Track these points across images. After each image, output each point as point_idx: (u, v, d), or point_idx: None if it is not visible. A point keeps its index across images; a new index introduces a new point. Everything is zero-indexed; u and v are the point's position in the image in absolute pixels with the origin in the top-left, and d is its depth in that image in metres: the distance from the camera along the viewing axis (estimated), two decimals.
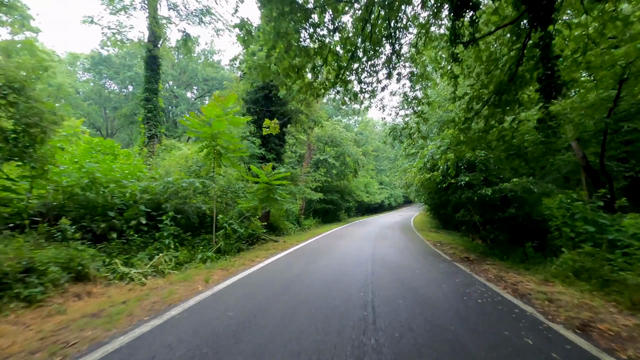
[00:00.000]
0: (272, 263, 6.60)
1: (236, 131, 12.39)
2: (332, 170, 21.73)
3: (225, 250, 8.23)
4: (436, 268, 6.49)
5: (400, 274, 5.70)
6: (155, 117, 10.81)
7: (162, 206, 7.58)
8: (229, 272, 5.68)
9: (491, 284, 5.22)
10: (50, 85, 29.80)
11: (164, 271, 5.99)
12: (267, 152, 13.01)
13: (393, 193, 43.87)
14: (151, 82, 10.86)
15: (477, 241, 13.78)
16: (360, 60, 5.35)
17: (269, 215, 13.27)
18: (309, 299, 4.04)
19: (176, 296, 4.15)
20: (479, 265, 7.06)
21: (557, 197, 5.98)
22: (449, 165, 7.45)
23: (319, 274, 5.51)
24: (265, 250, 8.48)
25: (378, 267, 6.35)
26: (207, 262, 7.00)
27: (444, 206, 18.55)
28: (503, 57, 5.43)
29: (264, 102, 13.41)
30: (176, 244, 7.22)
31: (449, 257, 8.20)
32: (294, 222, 16.60)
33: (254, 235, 10.30)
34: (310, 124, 13.80)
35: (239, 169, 8.87)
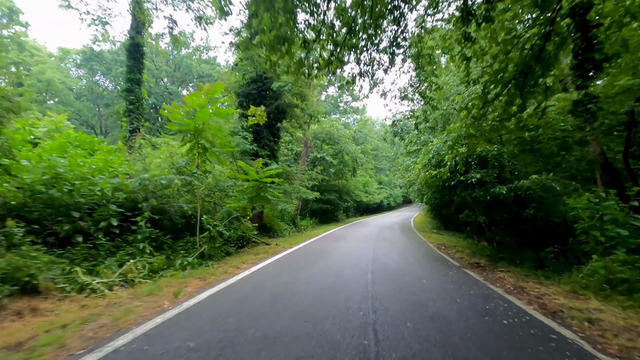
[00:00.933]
0: (259, 270, 5.82)
1: (227, 126, 11.61)
2: (330, 169, 20.95)
3: (211, 255, 7.47)
4: (445, 276, 5.73)
5: (405, 285, 4.94)
6: (137, 110, 10.00)
7: (138, 206, 6.79)
8: (206, 282, 4.90)
9: (512, 298, 4.46)
10: (40, 80, 28.93)
11: (134, 280, 5.22)
12: (259, 148, 12.23)
13: (392, 193, 43.16)
14: (133, 71, 10.05)
15: (482, 243, 13.07)
16: (358, 36, 4.57)
17: (262, 215, 12.49)
18: (295, 321, 3.26)
19: (132, 316, 3.37)
20: (492, 272, 6.31)
21: (584, 197, 5.23)
22: (458, 160, 6.71)
23: (311, 285, 4.74)
24: (255, 254, 7.70)
25: (379, 275, 5.58)
26: (187, 269, 6.24)
27: (446, 206, 17.79)
28: (525, 34, 4.67)
29: (257, 95, 12.62)
30: (152, 248, 6.44)
31: (457, 262, 7.45)
32: (289, 222, 15.82)
33: (244, 238, 9.53)
34: (306, 119, 13.02)
35: (226, 165, 8.12)
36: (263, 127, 12.62)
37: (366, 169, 32.19)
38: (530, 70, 4.18)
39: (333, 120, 22.34)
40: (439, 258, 7.99)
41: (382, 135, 43.53)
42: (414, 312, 3.62)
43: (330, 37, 4.37)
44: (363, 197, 29.06)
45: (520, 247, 11.18)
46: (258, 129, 12.60)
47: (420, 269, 6.29)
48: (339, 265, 6.49)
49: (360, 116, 43.24)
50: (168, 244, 7.13)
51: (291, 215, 16.55)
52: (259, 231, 12.21)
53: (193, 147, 7.78)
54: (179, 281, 4.97)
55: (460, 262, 7.50)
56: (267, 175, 8.08)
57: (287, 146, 19.38)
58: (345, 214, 27.66)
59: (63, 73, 31.05)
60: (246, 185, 8.30)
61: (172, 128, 7.65)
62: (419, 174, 9.30)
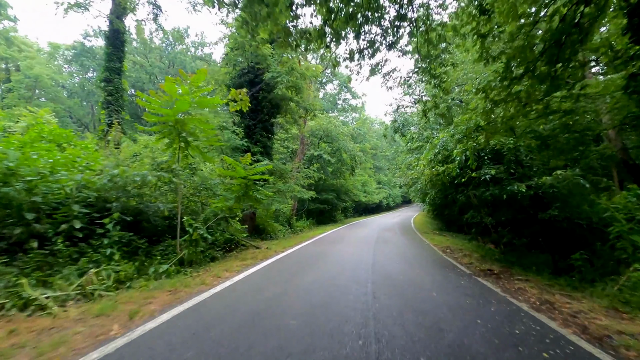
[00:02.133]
0: (241, 281, 5.03)
1: (217, 120, 10.81)
2: (328, 168, 20.17)
3: (192, 261, 6.69)
4: (457, 287, 4.97)
5: (412, 300, 4.17)
6: (117, 102, 9.19)
7: (107, 206, 5.99)
8: (176, 296, 4.11)
9: (543, 317, 3.69)
10: (28, 76, 27.97)
11: (93, 293, 4.44)
12: (252, 144, 11.43)
13: (391, 193, 42.42)
14: (113, 60, 9.24)
15: (488, 245, 12.33)
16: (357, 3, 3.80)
17: (254, 216, 11.70)
18: (273, 357, 2.48)
19: (62, 350, 2.58)
20: (509, 281, 5.55)
21: (621, 195, 4.48)
22: (469, 155, 5.96)
23: (299, 302, 3.96)
24: (242, 260, 6.91)
25: (381, 286, 4.81)
26: (162, 278, 5.47)
27: (448, 206, 17.04)
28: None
29: (249, 88, 11.81)
30: (125, 254, 5.67)
31: (467, 268, 6.69)
32: (284, 223, 15.04)
33: (232, 241, 8.74)
34: (301, 113, 12.23)
35: (210, 161, 7.34)
36: (256, 122, 11.85)
37: (365, 168, 31.44)
38: (567, 40, 3.41)
39: (331, 117, 21.55)
40: (446, 264, 7.22)
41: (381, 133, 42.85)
42: (427, 341, 2.85)
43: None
44: (362, 197, 28.29)
45: (530, 250, 10.46)
46: (250, 124, 11.83)
47: (428, 278, 5.51)
48: (335, 273, 5.71)
49: (358, 114, 42.47)
50: (143, 248, 6.33)
51: (286, 216, 15.76)
52: (251, 233, 11.43)
53: (173, 141, 7.00)
54: (145, 295, 4.18)
55: (470, 268, 6.74)
56: (256, 172, 7.30)
57: (282, 143, 18.58)
58: (343, 214, 26.88)
59: (54, 69, 30.10)
60: (232, 183, 7.51)
61: (149, 119, 6.85)
62: (423, 171, 8.54)
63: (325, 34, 3.80)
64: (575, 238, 6.09)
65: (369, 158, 32.14)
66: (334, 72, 33.60)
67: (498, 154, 6.12)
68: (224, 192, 7.50)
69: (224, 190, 7.66)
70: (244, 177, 7.25)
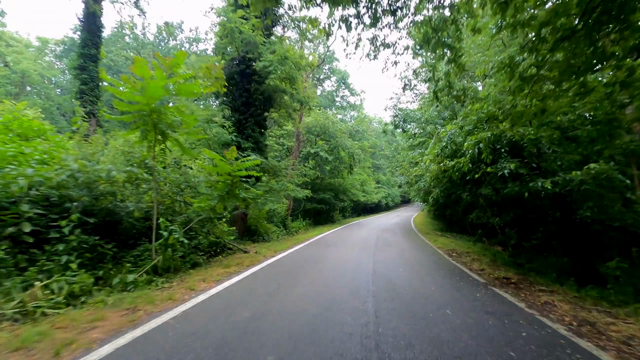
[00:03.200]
0: (217, 295, 4.24)
1: (204, 113, 10.01)
2: (325, 166, 19.38)
3: (170, 268, 5.92)
4: (474, 302, 4.20)
5: (423, 322, 3.39)
6: (92, 91, 8.36)
7: (66, 206, 5.18)
8: (131, 318, 3.31)
9: (589, 345, 2.93)
10: (14, 72, 27.01)
11: (36, 311, 3.65)
12: (242, 139, 10.62)
13: (390, 192, 41.68)
14: (88, 45, 8.41)
15: (495, 247, 11.61)
16: None
17: (246, 217, 10.90)
18: None
19: None
20: (531, 292, 4.79)
21: None
22: (482, 147, 5.21)
23: (282, 327, 3.17)
24: (225, 267, 6.12)
25: (384, 301, 4.03)
26: (128, 289, 4.71)
27: (451, 206, 16.29)
28: None
29: (240, 79, 11.02)
30: (86, 261, 4.89)
31: (479, 276, 5.92)
32: (279, 224, 14.24)
33: (218, 244, 7.95)
34: (296, 106, 11.43)
35: (191, 155, 6.56)
36: (247, 115, 11.05)
37: (363, 167, 30.68)
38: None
39: (328, 113, 20.73)
40: (455, 270, 6.46)
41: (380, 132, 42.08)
42: None
43: None
44: (360, 196, 27.51)
45: (541, 252, 9.74)
46: (241, 118, 11.02)
47: (438, 290, 4.74)
48: (330, 283, 4.92)
49: (357, 113, 41.68)
50: (112, 254, 5.54)
51: (281, 217, 14.96)
52: (242, 235, 10.63)
53: (148, 133, 6.21)
54: (94, 315, 3.38)
55: (483, 275, 5.98)
56: (242, 168, 6.50)
57: (278, 140, 17.79)
58: (341, 214, 26.10)
59: (44, 65, 29.14)
60: (217, 180, 6.71)
61: (120, 108, 6.03)
62: (428, 167, 7.77)
63: None
64: (603, 242, 5.34)
65: (368, 157, 31.39)
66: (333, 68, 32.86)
67: (516, 147, 5.35)
68: (205, 190, 6.69)
69: (207, 187, 6.86)
70: (229, 174, 6.46)
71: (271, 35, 11.02)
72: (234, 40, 9.94)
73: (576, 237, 6.66)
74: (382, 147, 41.63)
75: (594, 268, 6.62)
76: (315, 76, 30.11)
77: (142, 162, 6.13)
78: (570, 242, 7.48)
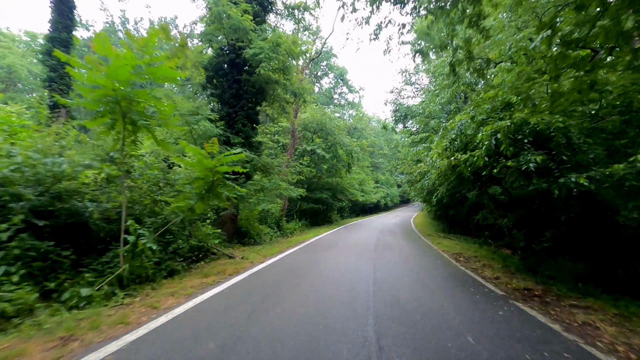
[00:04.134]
0: (184, 316, 3.46)
1: (188, 106, 9.19)
2: (322, 165, 18.59)
3: (141, 276, 5.15)
4: (499, 324, 3.43)
5: (441, 353, 2.62)
6: (62, 79, 7.55)
7: (10, 206, 4.39)
8: (60, 353, 2.53)
9: None
10: (1, 67, 26.06)
11: None
12: (232, 134, 9.83)
13: (389, 192, 40.94)
14: (58, 29, 7.59)
15: (503, 250, 10.88)
16: None
17: (236, 218, 10.11)
18: None
19: None
20: (562, 308, 4.03)
21: None
22: (501, 138, 4.45)
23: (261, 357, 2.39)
24: (204, 276, 5.33)
25: (389, 324, 3.25)
26: (80, 307, 3.94)
27: (454, 206, 15.56)
28: None
29: (230, 70, 10.22)
30: (35, 272, 4.13)
31: (495, 286, 5.17)
32: (272, 225, 13.45)
33: (202, 248, 7.16)
34: (289, 98, 10.63)
35: (166, 148, 5.77)
36: (237, 109, 10.26)
37: (362, 166, 29.90)
38: None
39: (325, 109, 19.92)
40: (467, 279, 5.69)
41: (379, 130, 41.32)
42: None
43: None
44: (359, 196, 26.72)
45: (553, 256, 9.03)
46: (231, 111, 10.23)
47: (451, 306, 3.97)
48: (323, 299, 4.15)
49: (355, 112, 40.91)
50: (70, 262, 4.75)
51: (275, 217, 14.18)
52: (232, 237, 9.83)
53: (115, 122, 5.44)
54: (11, 350, 2.59)
55: (500, 285, 5.22)
56: (225, 162, 5.71)
57: (272, 137, 17.00)
58: (339, 214, 25.32)
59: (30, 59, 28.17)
60: (194, 176, 5.91)
61: (84, 93, 5.23)
62: (433, 164, 7.01)
63: None
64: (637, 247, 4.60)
65: (367, 156, 30.63)
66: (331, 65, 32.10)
67: (541, 137, 4.60)
68: (181, 187, 5.90)
69: (185, 184, 6.07)
70: (211, 170, 5.66)
71: (263, 23, 10.23)
72: (222, 26, 9.15)
73: (599, 240, 5.91)
74: (381, 146, 40.91)
75: (616, 275, 5.92)
76: (313, 72, 29.34)
77: (108, 156, 5.33)
78: (590, 246, 6.76)
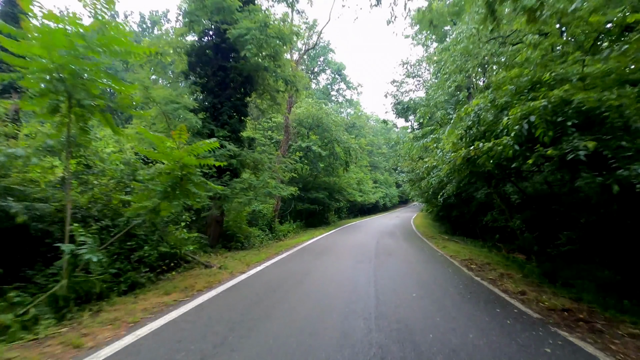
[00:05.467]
0: (115, 357, 2.47)
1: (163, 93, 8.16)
2: (319, 163, 17.62)
3: (88, 293, 4.19)
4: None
5: None
6: None
7: None
8: None
9: None
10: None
11: None
12: (216, 127, 8.83)
13: (388, 192, 40.01)
14: (12, 2, 6.59)
15: (515, 255, 9.95)
16: None
17: (222, 220, 9.11)
18: None
19: None
20: (624, 341, 3.07)
21: None
22: (535, 121, 3.50)
23: None
24: (166, 293, 4.33)
25: None
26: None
27: (458, 206, 14.62)
28: None
29: (214, 55, 9.23)
30: None
31: (523, 304, 4.21)
32: (264, 227, 12.46)
33: (174, 256, 6.17)
34: (280, 85, 9.64)
35: (123, 136, 4.77)
36: (223, 98, 9.26)
37: (360, 165, 28.95)
38: None
39: (321, 102, 18.93)
40: (489, 295, 4.72)
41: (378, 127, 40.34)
42: None
43: None
44: (357, 196, 25.74)
45: (570, 262, 8.13)
46: (216, 101, 9.24)
47: (480, 339, 2.98)
48: (311, 325, 3.16)
49: (353, 111, 39.92)
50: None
51: (267, 218, 13.19)
52: (216, 242, 8.81)
53: (59, 104, 4.46)
54: None
55: (529, 303, 4.26)
56: (196, 154, 4.71)
57: (265, 133, 16.01)
58: (337, 215, 24.36)
59: None
60: (159, 170, 4.90)
61: (17, 65, 4.24)
62: (443, 157, 6.05)
63: None
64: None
65: (365, 155, 29.66)
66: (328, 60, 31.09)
67: (588, 119, 3.64)
68: (150, 184, 4.90)
69: (147, 181, 5.07)
70: (177, 161, 4.66)
71: (251, 3, 9.24)
72: (204, 4, 8.16)
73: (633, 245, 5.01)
74: (380, 145, 39.99)
75: None
76: (310, 68, 28.36)
77: (43, 145, 4.33)
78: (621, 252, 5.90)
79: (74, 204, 5.41)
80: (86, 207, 5.45)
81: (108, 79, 4.74)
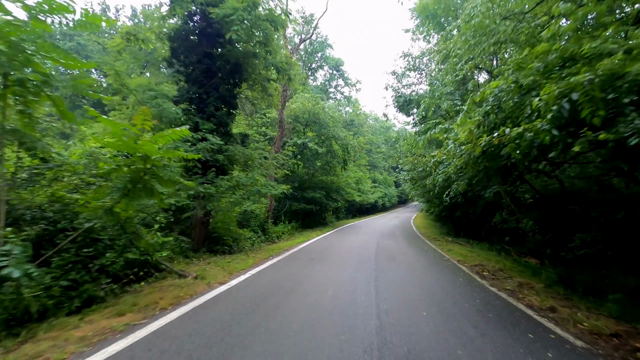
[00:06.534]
0: None
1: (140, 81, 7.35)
2: (315, 161, 16.81)
3: (27, 313, 3.41)
4: None
5: None
6: None
7: None
8: None
9: None
10: None
11: None
12: (201, 119, 8.01)
13: (387, 192, 39.24)
14: None
15: (527, 259, 9.21)
16: None
17: (208, 222, 8.28)
18: None
19: None
20: None
21: None
22: (579, 99, 2.76)
23: None
24: (119, 314, 3.52)
25: None
26: None
27: (462, 206, 13.87)
28: None
29: (199, 41, 8.40)
30: None
31: (558, 325, 3.44)
32: (256, 228, 11.65)
33: (145, 263, 5.35)
34: (271, 74, 8.84)
35: (72, 120, 4.00)
36: (209, 88, 8.45)
37: (359, 164, 28.16)
38: None
39: (317, 96, 18.13)
40: (513, 313, 3.94)
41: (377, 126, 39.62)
42: None
43: None
44: (355, 196, 24.93)
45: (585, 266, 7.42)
46: (200, 91, 8.41)
47: None
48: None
49: (352, 109, 39.13)
50: None
51: (260, 219, 12.37)
52: (201, 245, 7.99)
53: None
54: None
55: (565, 324, 3.49)
56: (163, 143, 3.91)
57: (259, 129, 15.19)
58: (334, 215, 23.56)
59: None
60: (114, 163, 4.09)
61: None
62: (455, 149, 5.27)
63: None
64: None
65: (364, 154, 28.88)
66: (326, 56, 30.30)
67: None
68: (93, 179, 4.09)
69: (104, 174, 4.26)
70: (138, 152, 3.85)
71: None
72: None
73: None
74: (379, 144, 39.26)
75: None
76: (307, 65, 27.57)
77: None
78: None
79: (24, 204, 4.63)
80: (42, 208, 4.67)
81: (58, 54, 3.94)
